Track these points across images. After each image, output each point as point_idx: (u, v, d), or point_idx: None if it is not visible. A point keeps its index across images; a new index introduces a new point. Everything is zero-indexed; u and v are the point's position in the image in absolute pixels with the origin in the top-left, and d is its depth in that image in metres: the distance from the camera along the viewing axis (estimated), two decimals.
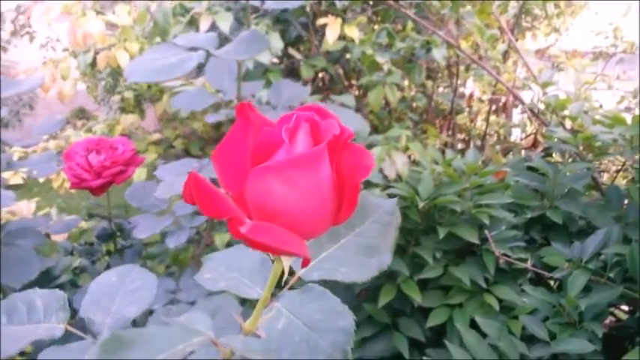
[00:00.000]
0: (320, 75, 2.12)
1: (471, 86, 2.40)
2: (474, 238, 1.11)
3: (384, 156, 1.13)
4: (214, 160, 0.34)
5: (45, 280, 0.97)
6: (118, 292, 0.51)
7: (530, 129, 2.23)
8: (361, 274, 0.40)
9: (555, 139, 1.29)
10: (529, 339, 1.01)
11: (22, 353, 0.60)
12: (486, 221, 1.10)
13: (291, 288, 0.42)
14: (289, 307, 0.40)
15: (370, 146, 1.21)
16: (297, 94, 0.87)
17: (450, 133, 2.13)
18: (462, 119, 2.26)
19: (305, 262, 0.32)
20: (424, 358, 1.01)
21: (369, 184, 1.12)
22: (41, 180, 1.08)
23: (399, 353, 1.13)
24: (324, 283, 0.43)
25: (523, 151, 2.06)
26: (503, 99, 2.37)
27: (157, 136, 2.01)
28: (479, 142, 2.23)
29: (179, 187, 0.77)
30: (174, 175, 0.81)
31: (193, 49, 0.72)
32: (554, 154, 1.55)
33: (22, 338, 0.45)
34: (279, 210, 0.32)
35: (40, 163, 0.96)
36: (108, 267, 1.13)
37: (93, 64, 1.73)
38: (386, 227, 0.43)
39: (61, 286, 1.00)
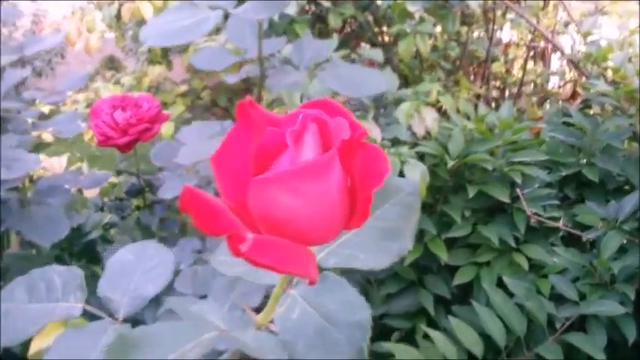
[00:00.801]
0: (349, 21, 2.05)
1: (508, 32, 2.29)
2: (504, 197, 1.08)
3: (413, 112, 1.09)
4: (213, 166, 0.31)
5: (76, 236, 0.99)
6: (136, 270, 0.50)
7: (568, 76, 2.14)
8: (380, 260, 0.38)
9: (595, 92, 1.23)
10: (557, 299, 1.00)
11: None
12: (518, 180, 1.07)
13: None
14: (305, 295, 0.38)
15: (399, 101, 1.17)
16: (320, 52, 0.83)
17: (484, 82, 2.05)
18: (497, 67, 2.17)
19: (311, 283, 0.30)
20: (449, 315, 1.00)
21: (397, 142, 1.09)
22: None
23: (424, 309, 1.13)
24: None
25: (560, 102, 1.97)
26: (542, 44, 2.26)
27: (184, 88, 2.00)
28: (514, 91, 2.14)
29: (203, 154, 0.76)
30: (196, 140, 0.80)
31: (211, 8, 0.69)
32: (593, 107, 1.48)
33: (42, 318, 0.45)
34: (285, 219, 0.30)
35: (64, 123, 0.96)
36: (138, 221, 1.15)
37: (118, 16, 1.71)
38: (408, 210, 0.40)
39: (92, 242, 1.03)
